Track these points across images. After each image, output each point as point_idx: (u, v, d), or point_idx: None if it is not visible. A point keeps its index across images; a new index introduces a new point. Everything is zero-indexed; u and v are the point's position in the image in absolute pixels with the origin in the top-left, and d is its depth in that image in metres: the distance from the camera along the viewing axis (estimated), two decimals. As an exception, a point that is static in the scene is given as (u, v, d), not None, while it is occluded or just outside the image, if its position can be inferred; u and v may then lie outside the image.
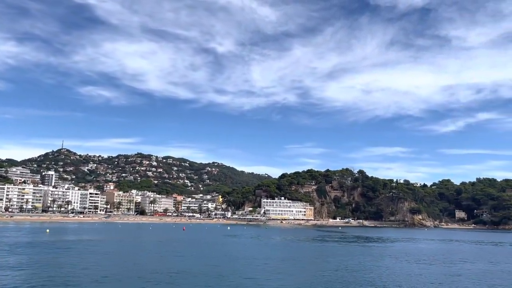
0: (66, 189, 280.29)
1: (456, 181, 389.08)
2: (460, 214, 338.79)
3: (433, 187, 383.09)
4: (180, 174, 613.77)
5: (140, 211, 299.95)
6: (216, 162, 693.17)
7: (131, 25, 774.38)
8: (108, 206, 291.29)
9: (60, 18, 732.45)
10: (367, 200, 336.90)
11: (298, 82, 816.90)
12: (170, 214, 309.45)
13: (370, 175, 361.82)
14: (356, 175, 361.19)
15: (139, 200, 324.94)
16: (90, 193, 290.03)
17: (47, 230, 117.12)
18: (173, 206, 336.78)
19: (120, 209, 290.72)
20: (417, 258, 70.56)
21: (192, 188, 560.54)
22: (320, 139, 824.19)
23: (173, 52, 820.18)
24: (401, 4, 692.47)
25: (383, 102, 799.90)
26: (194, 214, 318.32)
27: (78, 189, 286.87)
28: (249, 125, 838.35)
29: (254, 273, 48.04)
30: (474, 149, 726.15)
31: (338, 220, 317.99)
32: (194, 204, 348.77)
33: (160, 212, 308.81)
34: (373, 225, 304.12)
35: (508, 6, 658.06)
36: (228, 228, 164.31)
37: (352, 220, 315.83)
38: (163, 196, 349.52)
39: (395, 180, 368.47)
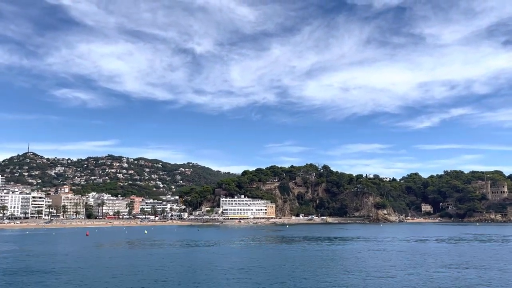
0: (5, 193, 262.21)
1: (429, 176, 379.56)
2: (426, 207, 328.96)
3: (401, 181, 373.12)
4: (152, 176, 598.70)
5: (88, 215, 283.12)
6: (191, 163, 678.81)
7: (107, 26, 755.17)
8: (55, 210, 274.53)
9: (33, 20, 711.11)
10: (332, 196, 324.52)
11: (277, 81, 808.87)
12: (122, 217, 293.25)
13: (335, 170, 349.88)
14: (321, 170, 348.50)
15: (91, 202, 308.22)
16: (33, 197, 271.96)
17: None
18: (126, 208, 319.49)
19: (66, 213, 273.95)
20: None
21: (164, 190, 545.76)
22: (299, 137, 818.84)
23: (151, 52, 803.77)
24: (377, 3, 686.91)
25: (361, 100, 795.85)
26: (149, 216, 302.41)
27: (20, 193, 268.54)
28: (228, 125, 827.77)
29: None
30: (448, 144, 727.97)
31: (301, 217, 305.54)
32: (147, 206, 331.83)
33: (111, 215, 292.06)
34: (336, 221, 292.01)
35: (480, 4, 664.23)
36: (145, 232, 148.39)
37: (315, 217, 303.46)
38: (118, 198, 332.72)
39: (364, 175, 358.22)
